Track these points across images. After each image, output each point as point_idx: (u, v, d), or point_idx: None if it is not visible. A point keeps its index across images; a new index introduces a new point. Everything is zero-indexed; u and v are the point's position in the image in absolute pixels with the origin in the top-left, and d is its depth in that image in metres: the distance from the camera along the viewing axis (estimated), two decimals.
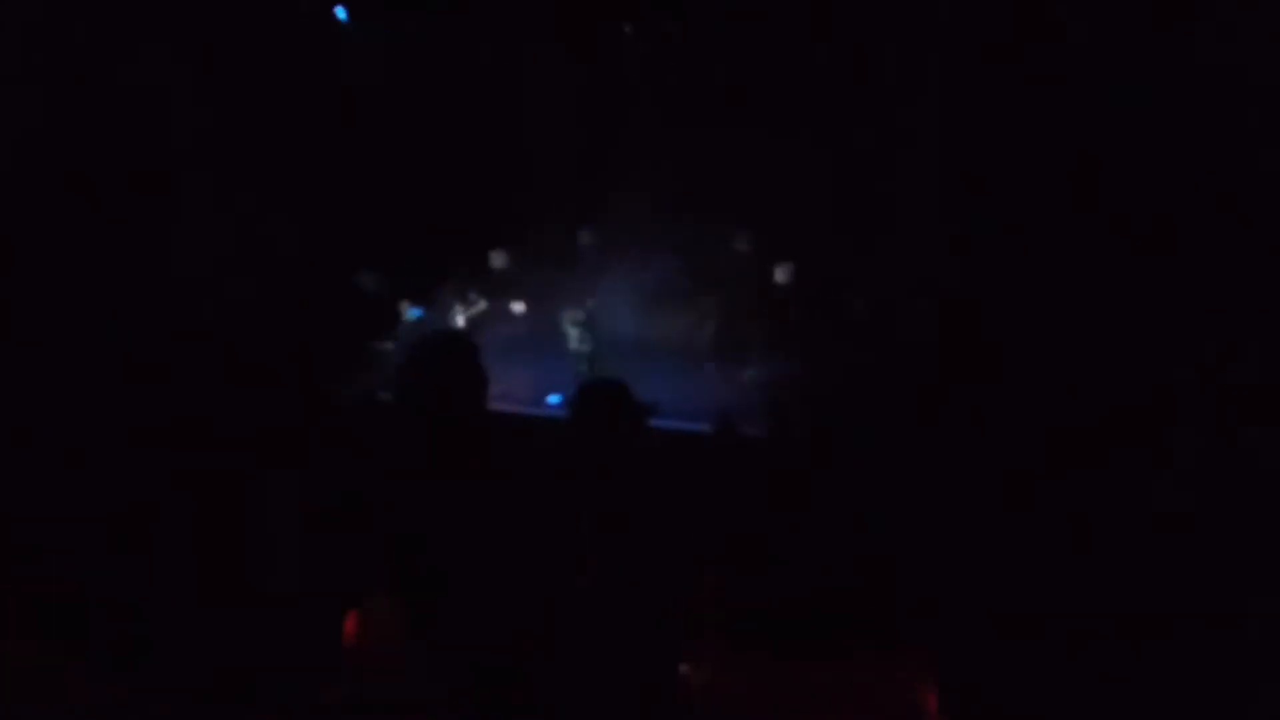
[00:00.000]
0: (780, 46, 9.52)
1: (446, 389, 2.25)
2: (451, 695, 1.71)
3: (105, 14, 7.11)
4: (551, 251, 10.46)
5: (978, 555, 3.78)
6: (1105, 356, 5.97)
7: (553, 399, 9.02)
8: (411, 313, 9.69)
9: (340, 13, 9.20)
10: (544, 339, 9.97)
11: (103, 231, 6.70)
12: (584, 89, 10.37)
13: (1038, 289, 6.67)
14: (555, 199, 10.49)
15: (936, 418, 5.80)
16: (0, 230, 5.95)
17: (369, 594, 1.90)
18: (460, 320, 9.74)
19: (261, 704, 1.68)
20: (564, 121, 10.41)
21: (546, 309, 10.23)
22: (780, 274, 9.75)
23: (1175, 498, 4.40)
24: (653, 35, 10.14)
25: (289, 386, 6.44)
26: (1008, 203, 7.01)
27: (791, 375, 8.83)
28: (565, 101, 10.39)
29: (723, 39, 9.82)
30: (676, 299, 10.08)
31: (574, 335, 9.38)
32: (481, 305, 9.86)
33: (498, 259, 10.41)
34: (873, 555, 3.37)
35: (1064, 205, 6.59)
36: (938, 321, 7.43)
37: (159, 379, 5.57)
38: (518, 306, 10.28)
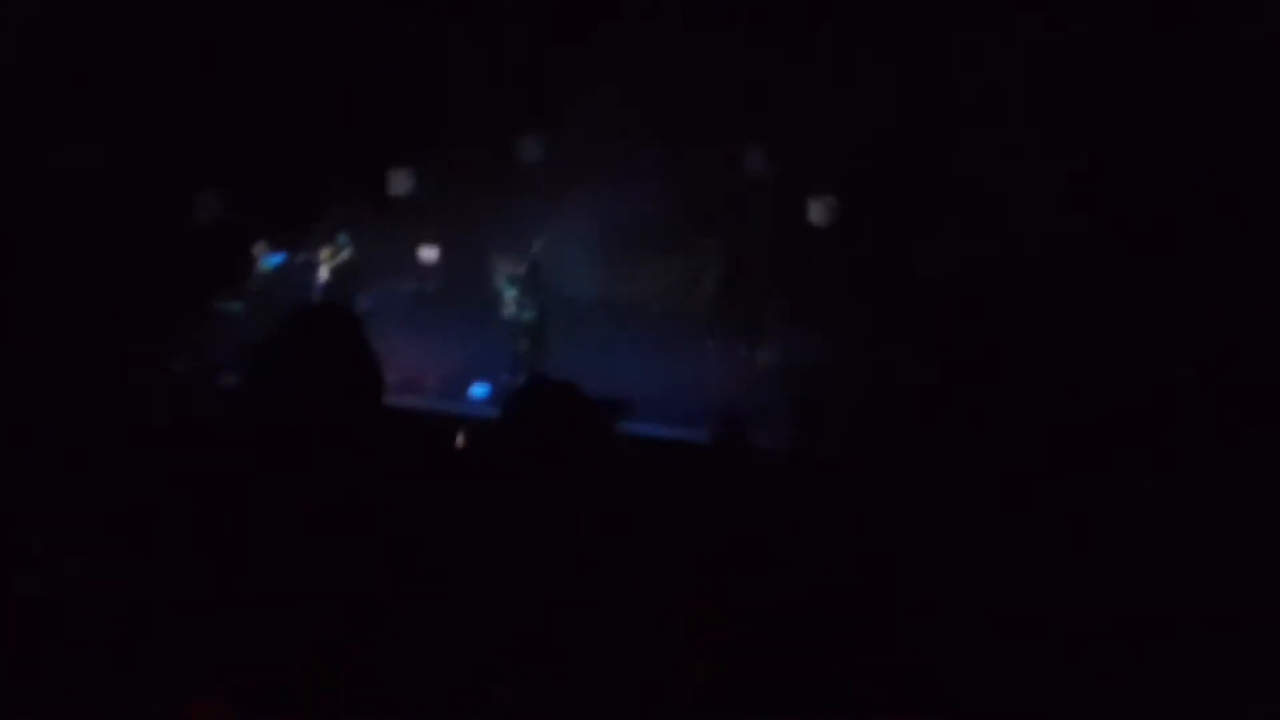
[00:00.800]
0: None
1: (321, 378, 2.32)
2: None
3: None
4: (478, 171, 10.34)
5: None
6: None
7: (477, 390, 9.08)
8: (268, 259, 9.61)
9: None
10: (467, 302, 10.01)
11: None
12: None
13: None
14: (484, 93, 10.36)
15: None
16: None
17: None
18: (323, 272, 9.70)
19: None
20: None
21: (470, 257, 10.25)
22: (814, 212, 9.67)
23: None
24: None
25: (93, 361, 6.63)
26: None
27: (827, 358, 8.87)
28: None
29: None
30: (662, 244, 10.10)
31: (511, 297, 9.35)
32: (345, 252, 9.80)
33: (398, 181, 10.26)
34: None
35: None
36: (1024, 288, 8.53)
37: None
38: (428, 253, 10.21)
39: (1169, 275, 7.88)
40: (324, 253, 9.74)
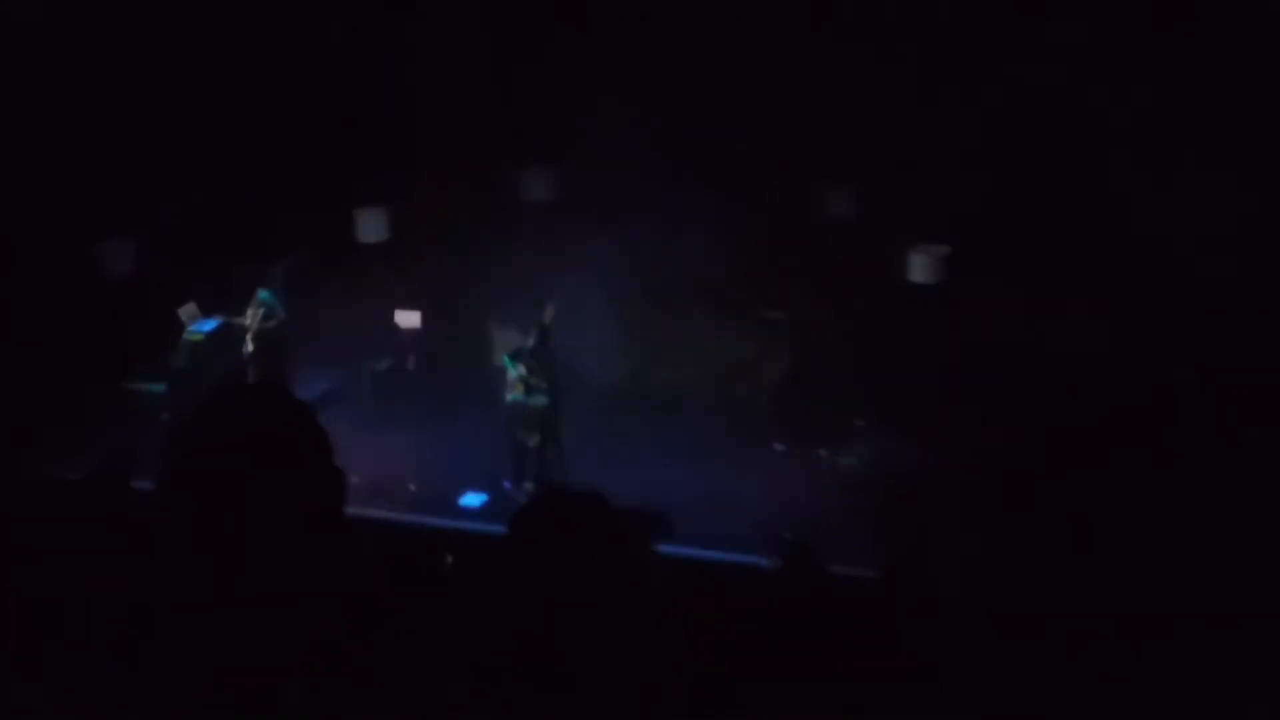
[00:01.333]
0: None
1: (258, 483, 2.18)
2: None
3: None
4: (469, 213, 10.62)
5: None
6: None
7: (470, 500, 9.17)
8: (198, 326, 9.78)
9: None
10: (455, 384, 10.32)
11: None
12: None
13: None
14: (476, 112, 10.56)
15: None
16: None
17: None
18: (248, 344, 9.82)
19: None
20: None
21: (462, 324, 10.56)
22: (916, 268, 9.78)
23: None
24: None
25: None
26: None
27: (929, 462, 8.92)
28: None
29: None
30: (711, 312, 10.35)
31: (515, 377, 9.23)
32: (263, 313, 9.84)
33: (368, 225, 10.54)
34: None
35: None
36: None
37: None
38: (407, 318, 10.48)
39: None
40: (246, 315, 9.83)
